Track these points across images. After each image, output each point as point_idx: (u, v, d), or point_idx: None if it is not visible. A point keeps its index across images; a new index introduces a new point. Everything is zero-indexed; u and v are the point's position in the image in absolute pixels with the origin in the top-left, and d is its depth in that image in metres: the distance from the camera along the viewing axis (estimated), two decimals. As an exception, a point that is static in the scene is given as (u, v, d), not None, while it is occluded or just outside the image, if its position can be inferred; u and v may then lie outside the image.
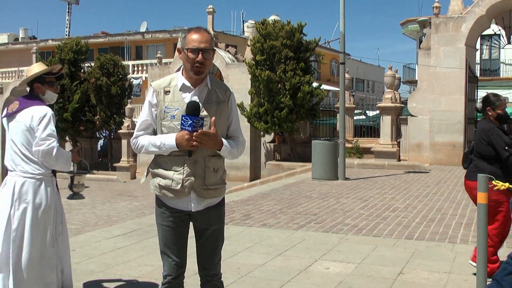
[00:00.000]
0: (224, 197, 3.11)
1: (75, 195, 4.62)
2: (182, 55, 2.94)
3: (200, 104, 2.89)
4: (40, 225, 3.86)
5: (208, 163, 2.94)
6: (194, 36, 2.88)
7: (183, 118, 2.80)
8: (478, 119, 18.81)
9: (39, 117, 3.84)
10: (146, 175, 3.18)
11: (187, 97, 2.93)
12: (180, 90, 2.96)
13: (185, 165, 2.90)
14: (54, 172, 4.02)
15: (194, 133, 2.78)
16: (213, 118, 2.85)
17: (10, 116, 3.95)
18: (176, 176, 2.91)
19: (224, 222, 3.14)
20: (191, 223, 3.06)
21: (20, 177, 3.86)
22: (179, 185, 2.90)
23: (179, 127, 2.84)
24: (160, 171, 2.96)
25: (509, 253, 3.87)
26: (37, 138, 3.81)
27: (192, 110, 2.80)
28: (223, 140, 2.93)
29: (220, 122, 2.95)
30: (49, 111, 3.92)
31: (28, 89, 4.10)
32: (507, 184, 4.12)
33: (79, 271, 5.08)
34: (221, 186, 3.02)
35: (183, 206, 2.95)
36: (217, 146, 2.89)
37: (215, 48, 3.05)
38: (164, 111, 2.93)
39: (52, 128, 3.86)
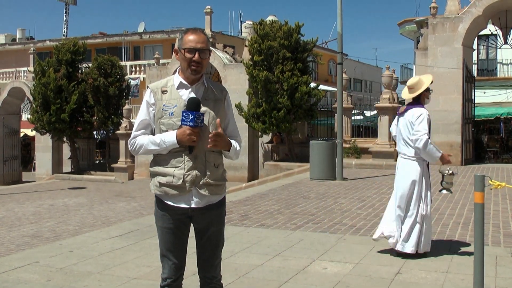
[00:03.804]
0: (225, 197, 3.11)
1: (444, 189, 5.64)
2: (179, 55, 2.98)
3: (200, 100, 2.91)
4: (409, 192, 5.44)
5: (208, 158, 2.94)
6: (191, 37, 2.93)
7: (184, 114, 2.80)
8: (475, 119, 18.86)
9: (417, 115, 5.38)
10: None
11: (185, 94, 2.96)
12: (177, 88, 2.98)
13: (185, 161, 2.90)
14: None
15: (210, 136, 2.80)
16: (218, 119, 2.88)
17: (400, 114, 5.64)
18: (177, 172, 2.91)
19: (224, 224, 3.14)
20: (191, 226, 3.05)
21: (401, 158, 5.58)
22: (181, 180, 2.89)
23: (178, 123, 2.85)
24: (160, 168, 2.96)
25: None
26: (413, 130, 5.37)
27: (193, 105, 2.82)
28: (230, 140, 2.98)
29: None
30: (424, 112, 5.39)
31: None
32: (503, 184, 4.12)
33: (77, 272, 5.08)
34: (222, 183, 3.02)
35: (184, 203, 2.93)
36: (227, 146, 2.94)
37: (212, 48, 3.07)
38: (162, 109, 2.94)
39: (424, 125, 5.32)
